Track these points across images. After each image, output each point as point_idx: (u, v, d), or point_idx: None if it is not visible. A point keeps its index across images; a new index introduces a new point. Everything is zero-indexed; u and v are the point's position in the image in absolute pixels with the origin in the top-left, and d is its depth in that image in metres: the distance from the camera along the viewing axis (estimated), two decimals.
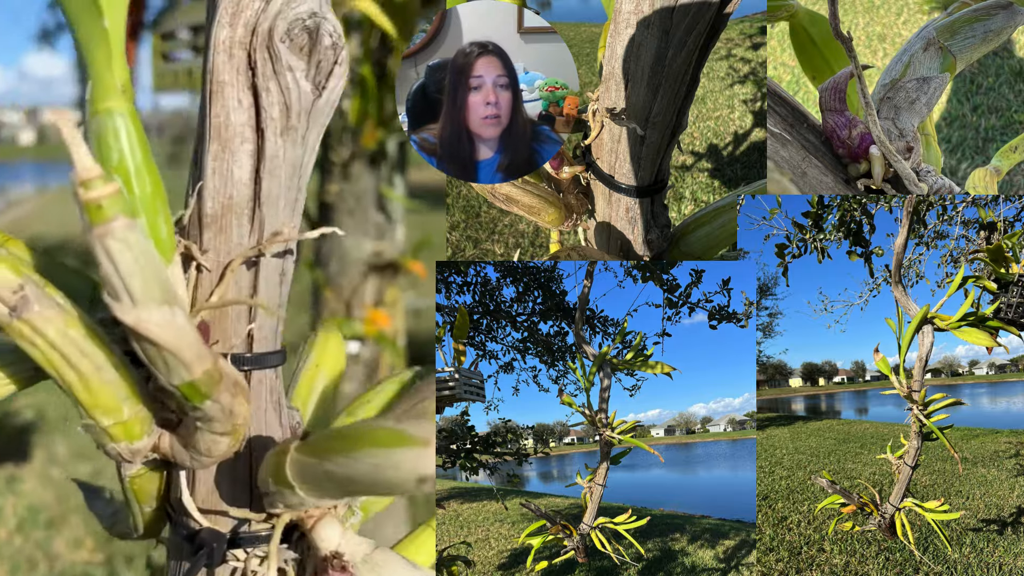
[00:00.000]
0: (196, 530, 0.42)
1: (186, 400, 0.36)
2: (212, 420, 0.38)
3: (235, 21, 0.36)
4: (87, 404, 0.36)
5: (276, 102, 0.37)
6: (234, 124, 0.38)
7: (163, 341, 0.33)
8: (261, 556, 0.41)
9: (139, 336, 0.33)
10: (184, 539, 0.42)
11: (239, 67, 0.37)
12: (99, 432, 0.37)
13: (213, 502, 0.42)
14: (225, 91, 0.37)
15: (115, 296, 0.32)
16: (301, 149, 0.39)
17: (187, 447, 0.39)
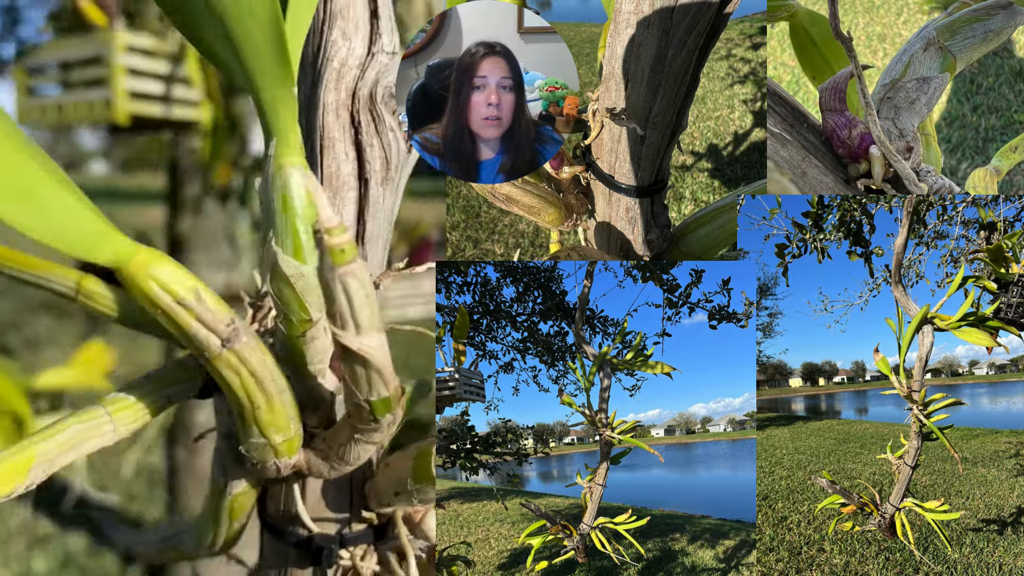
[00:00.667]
0: (308, 536, 0.43)
1: (372, 414, 0.39)
2: (378, 431, 0.40)
3: (339, 86, 0.42)
4: (266, 423, 0.39)
5: (378, 156, 0.43)
6: (343, 174, 0.43)
7: (377, 362, 0.37)
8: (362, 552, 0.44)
9: (358, 358, 0.37)
10: (293, 546, 0.44)
11: (344, 125, 0.43)
12: (266, 449, 0.39)
13: (320, 510, 0.44)
14: (336, 146, 0.43)
15: (342, 326, 0.36)
16: (394, 196, 0.44)
17: (327, 459, 0.41)
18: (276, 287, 0.37)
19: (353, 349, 0.36)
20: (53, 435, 0.36)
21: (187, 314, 0.35)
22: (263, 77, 0.35)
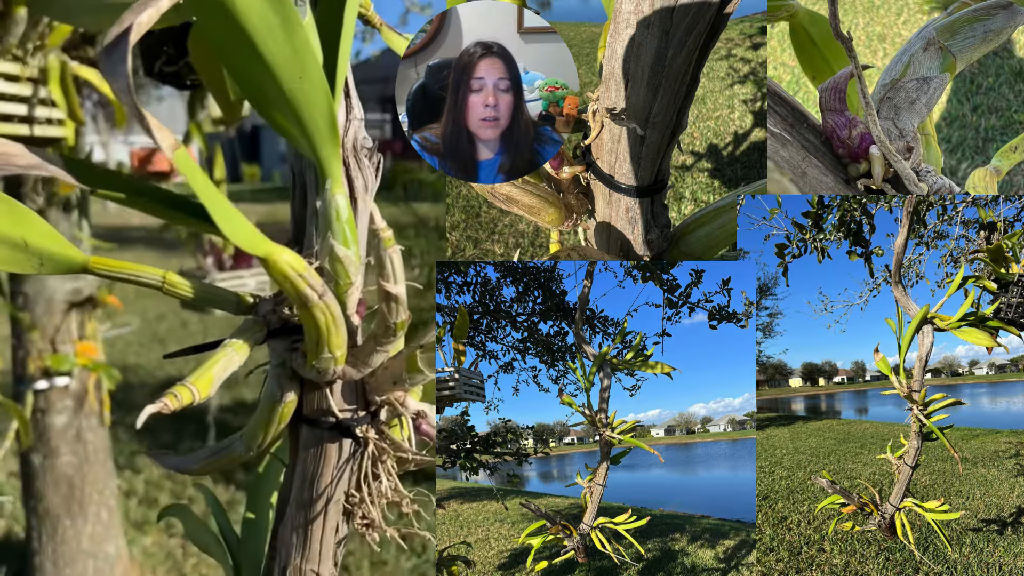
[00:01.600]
0: (336, 422, 0.66)
1: (395, 331, 0.63)
2: (393, 341, 0.63)
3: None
4: (334, 344, 0.61)
5: (361, 185, 0.65)
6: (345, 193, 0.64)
7: (403, 299, 0.62)
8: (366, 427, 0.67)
9: (393, 297, 0.61)
10: (328, 430, 0.66)
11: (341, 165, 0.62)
12: (330, 360, 0.62)
13: (340, 404, 0.66)
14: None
15: (387, 280, 0.61)
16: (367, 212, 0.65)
17: (355, 366, 0.65)
18: (332, 263, 0.61)
19: (393, 293, 0.61)
20: (215, 363, 0.58)
21: (301, 281, 0.58)
22: (322, 145, 0.57)
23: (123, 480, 4.04)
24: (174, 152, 0.48)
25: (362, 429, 0.66)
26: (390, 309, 0.61)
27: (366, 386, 0.67)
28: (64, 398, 2.64)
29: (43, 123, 1.97)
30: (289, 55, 0.50)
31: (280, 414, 0.64)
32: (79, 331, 2.66)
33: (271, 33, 0.49)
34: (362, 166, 0.64)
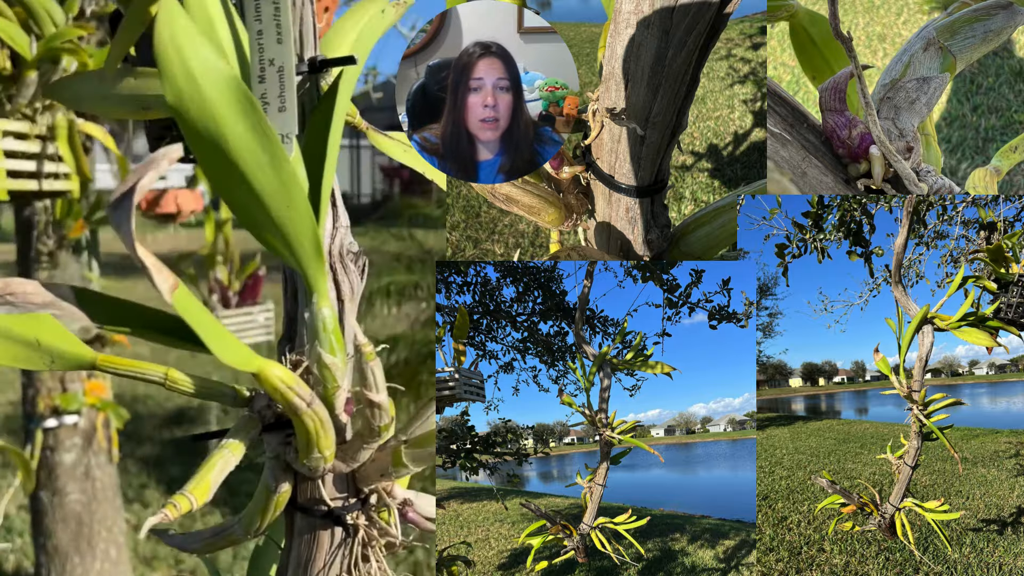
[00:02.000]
0: (328, 510, 0.70)
1: (380, 431, 0.68)
2: (378, 441, 0.68)
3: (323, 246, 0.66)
4: (322, 446, 0.66)
5: (347, 289, 0.70)
6: (332, 299, 0.68)
7: (385, 407, 0.67)
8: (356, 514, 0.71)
9: (376, 405, 0.66)
10: (320, 518, 0.70)
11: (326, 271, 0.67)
12: (319, 460, 0.66)
13: (331, 493, 0.71)
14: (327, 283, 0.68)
15: (369, 389, 0.66)
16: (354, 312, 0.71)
17: (344, 461, 0.69)
18: (320, 369, 0.66)
19: (376, 401, 0.66)
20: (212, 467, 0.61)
21: (291, 392, 0.63)
22: (308, 264, 0.62)
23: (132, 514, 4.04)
24: (172, 294, 0.53)
25: (352, 516, 0.71)
26: (373, 415, 0.66)
27: (356, 476, 0.71)
28: (73, 436, 2.68)
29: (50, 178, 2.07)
30: (277, 187, 0.56)
31: (275, 502, 0.69)
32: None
33: (261, 168, 0.55)
34: (348, 271, 0.70)
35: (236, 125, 0.54)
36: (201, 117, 0.53)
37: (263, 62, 0.61)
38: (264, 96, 0.61)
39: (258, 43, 0.60)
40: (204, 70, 0.52)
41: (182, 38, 0.52)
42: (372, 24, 0.77)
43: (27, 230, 2.63)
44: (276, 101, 0.61)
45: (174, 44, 0.51)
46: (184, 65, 0.52)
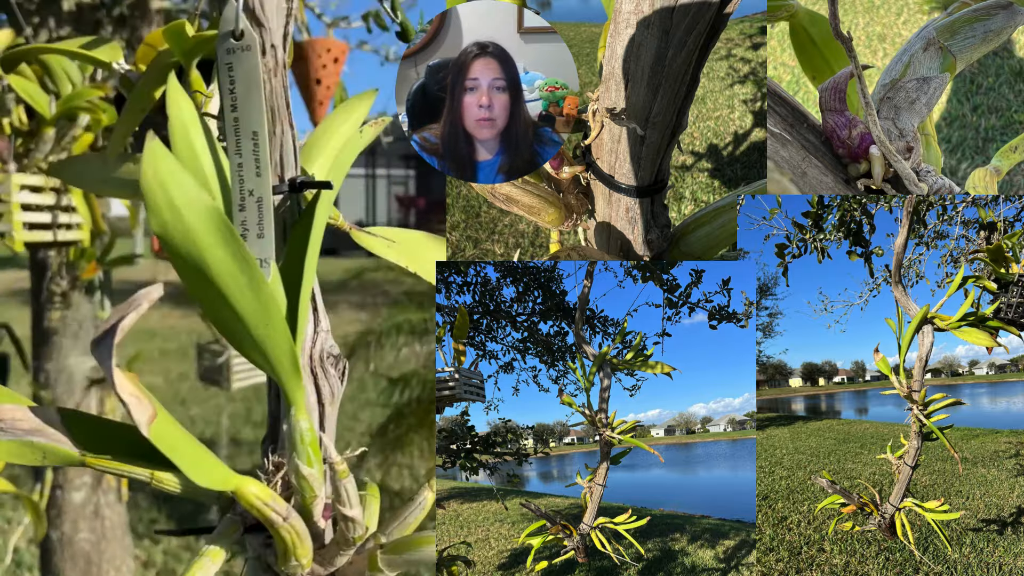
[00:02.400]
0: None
1: (354, 542, 0.70)
2: (353, 548, 0.71)
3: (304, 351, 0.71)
4: (300, 554, 0.68)
5: (328, 392, 0.72)
6: (311, 403, 0.71)
7: (359, 520, 0.69)
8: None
9: (350, 519, 0.69)
10: None
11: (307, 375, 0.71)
12: (297, 567, 0.68)
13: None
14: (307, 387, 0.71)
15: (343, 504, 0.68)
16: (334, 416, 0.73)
17: (323, 565, 0.72)
18: (298, 480, 0.67)
19: (349, 516, 0.69)
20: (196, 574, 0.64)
21: (267, 508, 0.65)
22: (287, 379, 0.65)
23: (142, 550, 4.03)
24: (149, 427, 0.58)
25: None
26: (347, 527, 0.70)
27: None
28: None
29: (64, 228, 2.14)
30: (256, 308, 0.61)
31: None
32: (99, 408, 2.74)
33: (240, 291, 0.60)
34: (328, 375, 0.73)
35: (217, 251, 0.58)
36: (184, 244, 0.58)
37: (243, 192, 0.66)
38: (244, 224, 0.66)
39: (239, 175, 0.66)
40: (186, 201, 0.57)
41: (165, 174, 0.56)
42: (350, 145, 0.82)
43: (41, 271, 2.70)
44: (255, 228, 0.66)
45: (158, 179, 0.56)
46: (167, 198, 0.57)
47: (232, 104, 0.64)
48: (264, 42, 0.66)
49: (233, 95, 0.64)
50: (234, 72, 0.64)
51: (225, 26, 0.63)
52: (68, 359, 2.75)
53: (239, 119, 0.64)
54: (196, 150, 0.64)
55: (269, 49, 0.66)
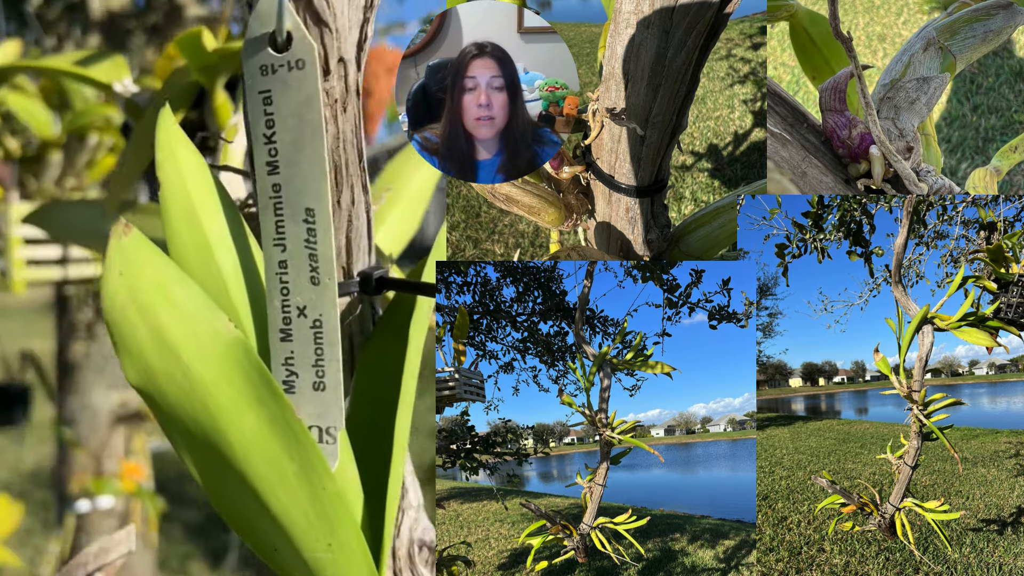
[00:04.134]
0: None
1: None
2: None
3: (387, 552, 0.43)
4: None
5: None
6: None
7: None
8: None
9: None
10: None
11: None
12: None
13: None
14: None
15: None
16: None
17: None
18: None
19: None
20: None
21: None
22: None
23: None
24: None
25: None
26: None
27: None
28: (108, 519, 2.61)
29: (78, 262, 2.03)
30: (310, 515, 0.35)
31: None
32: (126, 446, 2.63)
33: (284, 484, 0.34)
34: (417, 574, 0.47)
35: (243, 417, 0.34)
36: (183, 405, 0.33)
37: (288, 310, 0.37)
38: (291, 365, 0.37)
39: (281, 281, 0.37)
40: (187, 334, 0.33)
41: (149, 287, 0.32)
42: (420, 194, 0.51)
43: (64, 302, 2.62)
44: (309, 374, 0.37)
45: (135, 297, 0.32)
46: (153, 328, 0.32)
47: (270, 160, 0.37)
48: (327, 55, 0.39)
49: (272, 144, 0.37)
50: (274, 105, 0.37)
51: (258, 27, 0.35)
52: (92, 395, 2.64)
53: (283, 186, 0.37)
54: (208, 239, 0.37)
55: (336, 66, 0.40)
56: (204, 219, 0.37)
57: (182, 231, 0.36)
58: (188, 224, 0.36)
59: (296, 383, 0.38)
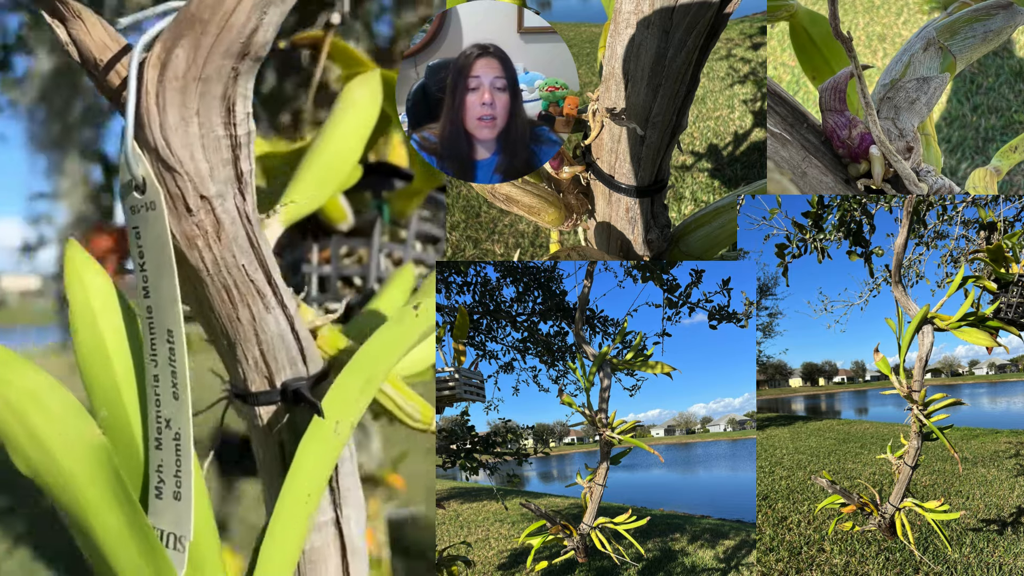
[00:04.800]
0: None
1: None
2: None
3: None
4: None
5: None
6: None
7: None
8: None
9: None
10: None
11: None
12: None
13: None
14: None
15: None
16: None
17: None
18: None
19: None
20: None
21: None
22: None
23: None
24: None
25: None
26: None
27: None
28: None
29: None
30: None
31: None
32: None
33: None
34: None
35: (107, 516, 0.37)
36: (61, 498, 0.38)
37: (160, 421, 0.41)
38: (160, 471, 0.41)
39: (155, 393, 0.41)
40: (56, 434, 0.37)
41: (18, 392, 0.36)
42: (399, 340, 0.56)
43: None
44: (172, 482, 0.41)
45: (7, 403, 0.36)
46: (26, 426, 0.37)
47: (144, 285, 0.42)
48: (185, 196, 0.42)
49: (144, 271, 0.41)
50: (142, 239, 0.41)
51: (127, 172, 0.41)
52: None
53: (153, 308, 0.41)
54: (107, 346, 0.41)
55: (200, 203, 0.42)
56: (105, 330, 0.42)
57: (86, 340, 0.41)
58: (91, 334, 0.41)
59: (163, 490, 0.41)
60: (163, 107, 0.40)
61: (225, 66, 0.40)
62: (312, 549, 0.49)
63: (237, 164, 0.45)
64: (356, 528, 0.50)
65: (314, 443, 0.45)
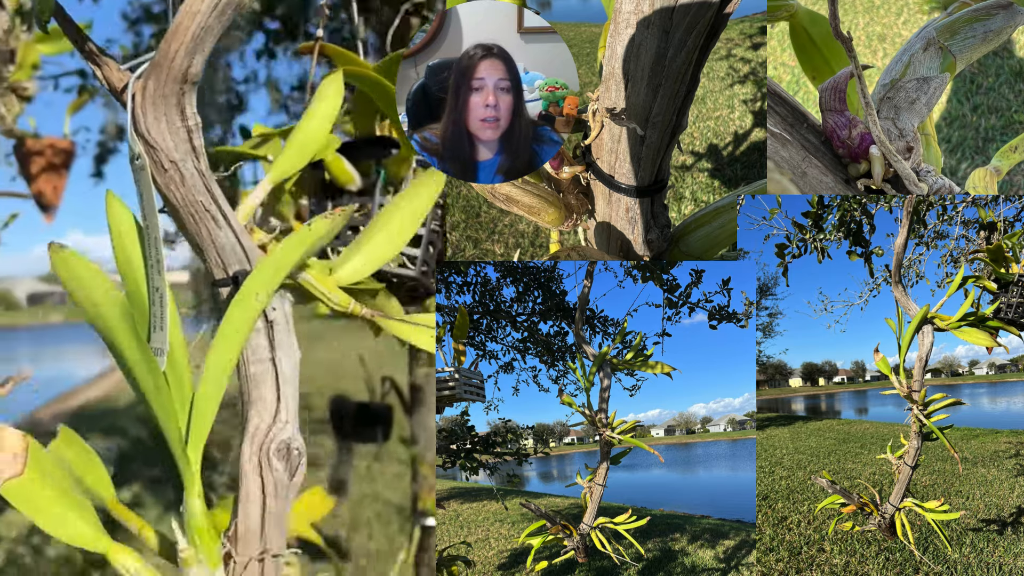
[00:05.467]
0: None
1: None
2: None
3: (254, 440, 0.76)
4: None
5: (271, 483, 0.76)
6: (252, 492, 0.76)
7: None
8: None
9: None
10: None
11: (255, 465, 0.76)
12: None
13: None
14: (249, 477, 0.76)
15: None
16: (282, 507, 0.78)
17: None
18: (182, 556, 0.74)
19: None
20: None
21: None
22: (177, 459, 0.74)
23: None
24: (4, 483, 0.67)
25: None
26: None
27: None
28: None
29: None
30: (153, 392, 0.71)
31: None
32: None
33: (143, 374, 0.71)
34: (273, 469, 0.76)
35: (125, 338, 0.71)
36: (106, 330, 0.71)
37: (152, 289, 0.74)
38: (157, 316, 0.74)
39: (151, 274, 0.74)
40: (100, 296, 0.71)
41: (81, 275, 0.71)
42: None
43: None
44: (158, 321, 0.74)
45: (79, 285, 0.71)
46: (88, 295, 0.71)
47: (143, 214, 0.73)
48: (162, 160, 0.72)
49: (142, 204, 0.73)
50: (140, 187, 0.72)
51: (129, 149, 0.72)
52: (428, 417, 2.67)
53: (148, 226, 0.73)
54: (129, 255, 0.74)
55: (170, 164, 0.73)
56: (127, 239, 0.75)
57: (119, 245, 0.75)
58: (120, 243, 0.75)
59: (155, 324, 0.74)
60: (146, 111, 0.72)
61: (176, 88, 0.72)
62: (255, 373, 0.78)
63: (191, 141, 0.74)
64: (287, 363, 0.79)
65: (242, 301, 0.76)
